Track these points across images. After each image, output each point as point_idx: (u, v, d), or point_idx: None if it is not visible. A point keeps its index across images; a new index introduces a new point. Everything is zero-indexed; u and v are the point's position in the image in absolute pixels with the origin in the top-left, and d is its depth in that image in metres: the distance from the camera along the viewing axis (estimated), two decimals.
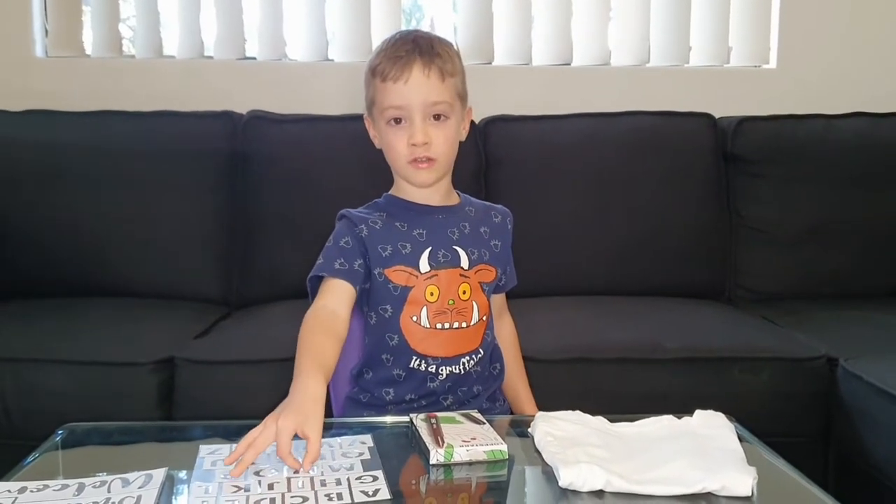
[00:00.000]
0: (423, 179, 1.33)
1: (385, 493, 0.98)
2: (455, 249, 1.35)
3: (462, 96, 1.35)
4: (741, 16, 2.85)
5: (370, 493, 0.98)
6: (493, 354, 1.43)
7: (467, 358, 1.35)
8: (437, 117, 1.30)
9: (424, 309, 1.32)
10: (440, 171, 1.34)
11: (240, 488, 0.99)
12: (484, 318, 1.37)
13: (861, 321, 2.19)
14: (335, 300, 1.29)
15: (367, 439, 1.14)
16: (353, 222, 1.35)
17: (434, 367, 1.33)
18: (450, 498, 1.05)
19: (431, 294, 1.32)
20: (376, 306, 1.34)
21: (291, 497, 0.97)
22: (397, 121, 1.30)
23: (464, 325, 1.34)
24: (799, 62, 2.83)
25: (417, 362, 1.33)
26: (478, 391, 1.39)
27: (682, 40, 2.84)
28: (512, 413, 1.46)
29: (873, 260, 2.48)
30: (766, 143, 2.54)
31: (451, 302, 1.33)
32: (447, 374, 1.34)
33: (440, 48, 1.31)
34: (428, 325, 1.33)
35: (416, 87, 1.28)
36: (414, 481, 1.07)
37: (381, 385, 1.37)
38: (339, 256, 1.32)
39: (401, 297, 1.33)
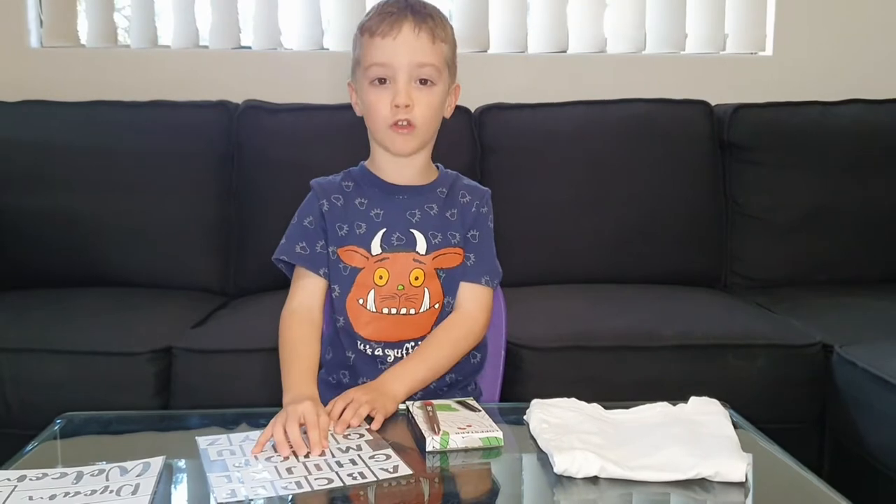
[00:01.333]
0: (401, 146, 1.29)
1: (405, 469, 1.00)
2: (412, 233, 1.31)
3: (451, 66, 1.30)
4: (737, 3, 2.84)
5: (390, 470, 0.99)
6: None
7: (412, 344, 1.32)
8: (423, 81, 1.26)
9: (372, 292, 1.30)
10: (420, 138, 1.29)
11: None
12: (436, 307, 1.32)
13: (856, 308, 2.19)
14: (306, 295, 1.32)
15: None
16: (316, 195, 1.34)
17: (380, 350, 1.31)
18: (446, 485, 1.06)
19: (381, 278, 1.30)
20: (330, 285, 1.33)
21: (315, 479, 0.97)
22: (381, 81, 1.26)
23: (412, 311, 1.31)
24: (795, 49, 2.82)
25: (362, 346, 1.32)
26: (451, 380, 1.36)
27: (678, 27, 2.84)
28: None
29: (869, 247, 2.48)
30: (762, 130, 2.54)
31: (400, 287, 1.30)
32: (394, 359, 1.31)
33: (433, 11, 1.28)
34: (374, 310, 1.30)
35: (404, 45, 1.24)
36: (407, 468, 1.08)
37: (338, 367, 1.36)
38: (301, 239, 1.33)
39: (349, 279, 1.31)
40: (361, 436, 1.10)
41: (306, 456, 1.03)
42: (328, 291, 1.34)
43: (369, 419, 1.14)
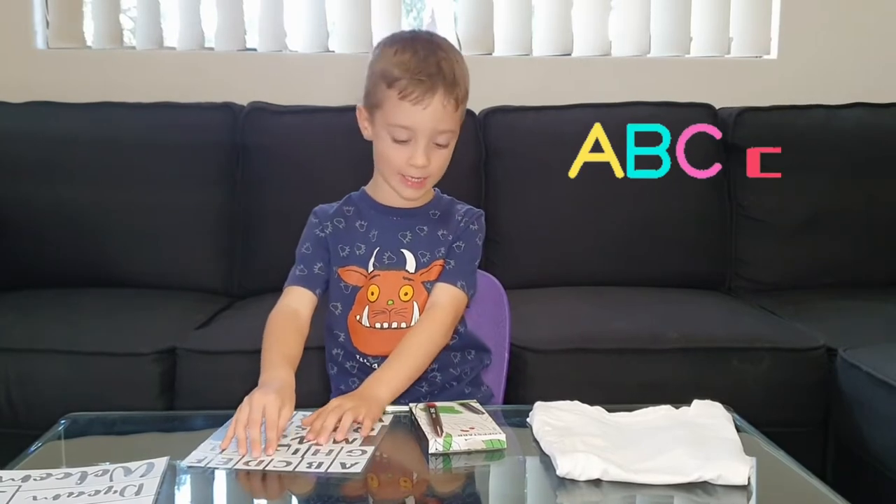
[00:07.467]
0: (410, 195, 1.33)
1: (358, 468, 1.00)
2: (402, 252, 1.35)
3: (463, 116, 1.33)
4: (742, 6, 2.84)
5: (347, 465, 1.01)
6: (464, 342, 1.42)
7: None
8: (440, 143, 1.29)
9: (366, 308, 1.35)
10: (429, 186, 1.35)
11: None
12: None
13: (860, 311, 2.19)
14: (296, 300, 1.35)
15: (386, 419, 1.17)
16: (318, 220, 1.39)
17: (377, 364, 1.34)
18: (448, 487, 1.06)
19: (372, 294, 1.34)
20: (329, 303, 1.38)
21: (277, 462, 1.03)
22: (402, 139, 1.28)
23: (403, 325, 1.34)
24: (800, 53, 2.82)
25: (362, 360, 1.36)
26: (460, 373, 1.41)
27: (683, 31, 2.84)
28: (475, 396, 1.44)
29: (873, 250, 2.48)
30: (766, 133, 2.54)
31: (390, 302, 1.34)
32: None
33: (459, 72, 1.28)
34: (368, 325, 1.35)
35: (432, 115, 1.25)
36: (410, 469, 1.08)
37: (346, 377, 1.39)
38: (300, 263, 1.38)
39: (350, 297, 1.36)
40: (373, 430, 1.12)
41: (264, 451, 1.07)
42: (329, 310, 1.39)
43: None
